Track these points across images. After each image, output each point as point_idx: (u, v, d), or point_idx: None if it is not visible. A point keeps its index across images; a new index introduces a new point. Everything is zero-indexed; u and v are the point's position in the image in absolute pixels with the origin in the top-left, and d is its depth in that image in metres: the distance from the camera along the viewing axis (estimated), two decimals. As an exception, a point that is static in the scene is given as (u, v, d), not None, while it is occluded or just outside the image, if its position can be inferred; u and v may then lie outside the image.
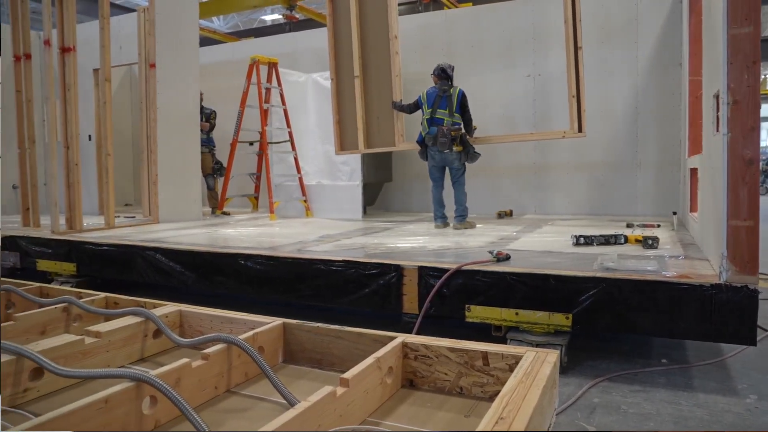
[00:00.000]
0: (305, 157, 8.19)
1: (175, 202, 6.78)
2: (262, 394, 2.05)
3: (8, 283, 3.46)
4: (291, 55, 9.21)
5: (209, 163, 7.92)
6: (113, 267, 4.80)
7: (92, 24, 7.27)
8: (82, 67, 6.13)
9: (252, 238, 5.31)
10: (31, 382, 2.03)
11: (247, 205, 8.79)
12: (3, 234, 5.54)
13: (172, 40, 6.82)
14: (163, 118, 6.64)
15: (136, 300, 2.95)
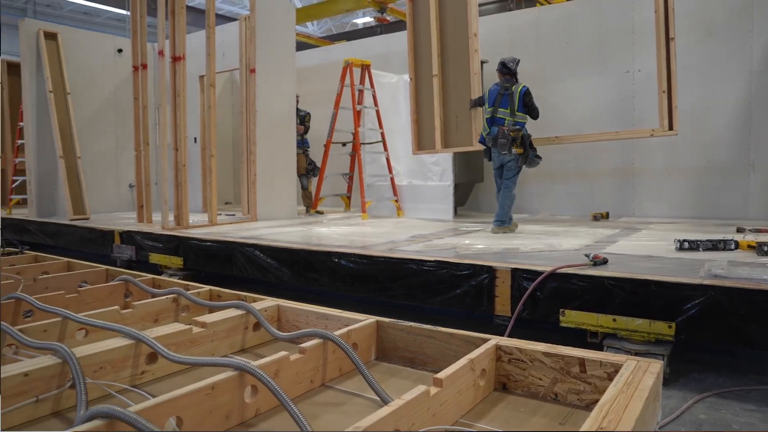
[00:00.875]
0: (397, 157, 8.27)
1: (271, 201, 7.07)
2: (356, 389, 2.10)
3: (126, 274, 3.77)
4: (383, 56, 9.33)
5: (304, 163, 8.19)
6: (215, 262, 5.09)
7: (197, 34, 7.74)
8: (189, 75, 6.53)
9: (345, 236, 5.43)
10: (147, 365, 2.20)
11: (340, 205, 9.00)
12: (121, 229, 6.02)
13: (271, 46, 7.12)
14: (262, 121, 6.95)
15: (237, 294, 3.12)
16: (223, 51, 8.00)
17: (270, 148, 7.05)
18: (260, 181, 6.92)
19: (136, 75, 7.00)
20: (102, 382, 2.05)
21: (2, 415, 1.83)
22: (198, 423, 1.70)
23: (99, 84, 8.70)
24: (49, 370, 1.95)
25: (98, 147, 8.61)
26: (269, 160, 7.03)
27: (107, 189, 8.80)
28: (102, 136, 8.72)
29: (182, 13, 6.07)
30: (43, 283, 3.84)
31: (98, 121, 8.68)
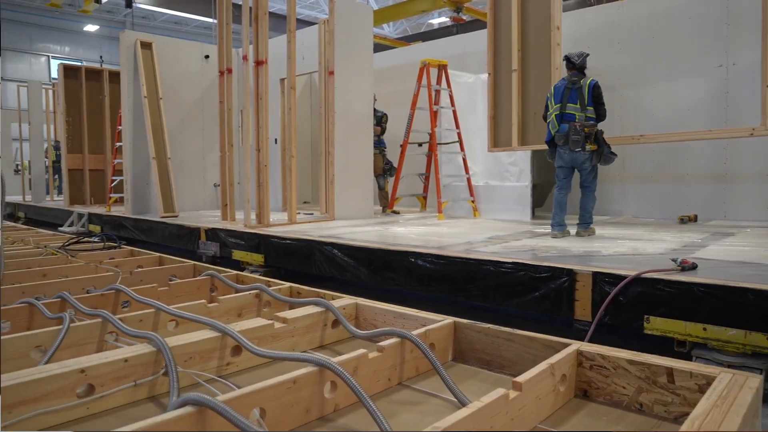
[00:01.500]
0: (473, 157, 8.20)
1: (349, 201, 7.20)
2: (433, 390, 2.10)
3: (212, 269, 3.96)
4: (459, 56, 9.27)
5: (380, 163, 8.27)
6: (295, 259, 5.24)
7: (278, 39, 7.99)
8: (270, 78, 6.75)
9: (421, 236, 5.45)
10: (232, 357, 2.30)
11: (416, 205, 9.03)
12: (207, 227, 6.33)
13: (349, 48, 7.24)
14: (340, 122, 7.08)
15: (316, 291, 3.20)
16: (302, 54, 8.21)
17: (348, 149, 7.18)
18: (338, 181, 7.06)
19: (221, 79, 7.33)
20: (191, 371, 2.17)
21: (108, 396, 1.98)
22: (280, 415, 1.76)
23: (188, 89, 9.17)
24: (145, 357, 2.08)
25: (186, 148, 9.08)
26: (347, 161, 7.16)
27: (194, 188, 9.26)
28: (190, 138, 9.18)
29: (265, 20, 6.29)
30: (138, 276, 4.10)
31: (187, 124, 9.15)
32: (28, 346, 2.41)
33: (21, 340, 2.41)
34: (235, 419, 1.46)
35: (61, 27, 29.64)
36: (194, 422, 1.55)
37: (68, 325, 2.48)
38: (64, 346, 2.42)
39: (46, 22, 29.09)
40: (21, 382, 1.81)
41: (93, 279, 3.92)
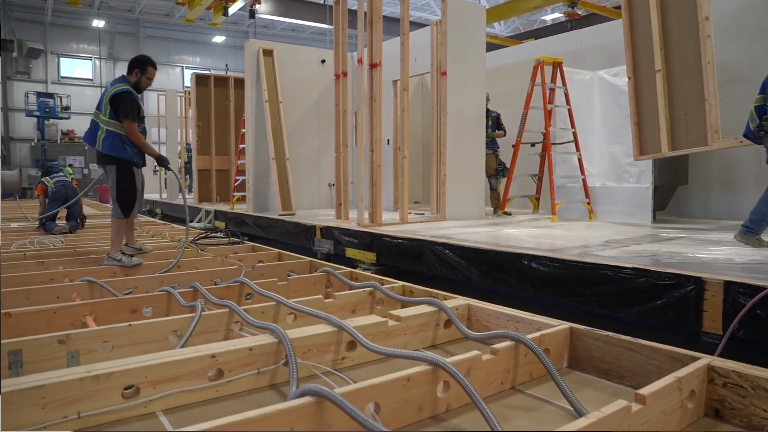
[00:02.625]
0: (589, 157, 7.85)
1: (460, 201, 7.17)
2: (547, 396, 2.05)
3: (328, 266, 4.12)
4: (575, 53, 8.90)
5: (493, 164, 8.15)
6: (406, 258, 5.31)
7: (391, 42, 8.11)
8: (383, 79, 6.87)
9: (533, 238, 5.31)
10: (347, 352, 2.39)
11: (528, 206, 8.80)
12: (322, 225, 6.58)
13: (462, 48, 7.20)
14: (452, 122, 7.07)
15: (428, 290, 3.23)
16: (414, 56, 8.28)
17: (459, 149, 7.15)
18: (449, 182, 7.05)
19: (337, 82, 7.58)
20: (309, 363, 2.28)
21: (234, 381, 2.13)
22: (394, 411, 1.80)
23: (305, 92, 9.57)
24: (268, 347, 2.22)
25: (303, 149, 9.49)
26: (459, 161, 7.13)
27: (310, 187, 9.66)
28: (307, 139, 9.59)
29: (379, 23, 6.42)
30: (259, 270, 4.36)
31: (304, 126, 9.56)
32: (167, 330, 2.65)
33: (161, 325, 2.66)
34: (353, 412, 1.52)
35: (193, 39, 32.13)
36: (313, 412, 1.63)
37: (200, 314, 2.69)
38: (196, 333, 2.64)
39: (181, 36, 31.67)
40: (164, 362, 1.99)
41: (219, 272, 4.22)
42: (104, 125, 4.54)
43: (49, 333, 2.48)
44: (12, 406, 1.73)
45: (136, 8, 29.46)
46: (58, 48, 29.58)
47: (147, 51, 31.29)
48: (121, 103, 4.49)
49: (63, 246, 5.68)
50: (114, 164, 4.55)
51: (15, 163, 27.34)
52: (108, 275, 4.12)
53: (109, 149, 4.52)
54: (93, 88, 30.40)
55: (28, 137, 28.18)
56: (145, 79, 4.75)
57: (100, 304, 3.09)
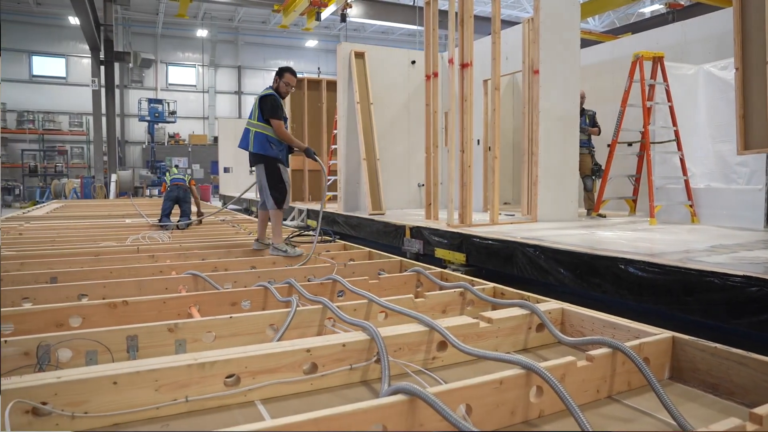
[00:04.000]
0: (692, 157, 7.37)
1: (552, 203, 6.97)
2: (646, 408, 1.97)
3: (418, 266, 4.15)
4: (677, 46, 8.39)
5: (588, 164, 7.86)
6: (496, 260, 5.24)
7: (481, 41, 8.02)
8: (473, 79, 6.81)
9: (630, 242, 5.07)
10: (437, 352, 2.40)
11: (624, 208, 8.41)
12: (411, 225, 6.62)
13: (555, 45, 7.00)
14: (545, 121, 6.89)
15: (520, 293, 3.18)
16: (506, 54, 8.14)
17: (552, 149, 6.95)
18: (541, 182, 6.88)
19: (428, 83, 7.60)
20: (400, 361, 2.31)
21: (328, 376, 2.21)
22: (485, 414, 1.79)
23: (395, 93, 9.67)
24: (360, 344, 2.27)
25: (393, 150, 9.58)
26: (551, 161, 6.94)
27: (399, 187, 9.74)
28: (396, 140, 9.68)
29: (470, 23, 6.37)
30: (350, 269, 4.46)
31: (394, 127, 9.66)
32: (265, 324, 2.78)
33: (259, 318, 2.79)
34: (445, 413, 1.53)
35: (287, 45, 33.38)
36: (405, 410, 1.66)
37: (295, 309, 2.80)
38: (292, 327, 2.74)
39: (275, 42, 33.03)
40: (263, 353, 2.10)
41: (312, 269, 4.36)
42: (253, 128, 5.12)
43: (160, 321, 2.68)
44: (130, 386, 1.89)
45: (235, 17, 31.01)
46: (167, 57, 31.75)
47: (245, 57, 32.86)
48: (267, 104, 5.07)
49: (170, 242, 6.09)
50: (262, 162, 5.11)
51: (129, 164, 29.64)
52: (210, 269, 4.37)
53: (257, 149, 5.09)
54: (196, 93, 32.35)
55: (140, 140, 30.46)
56: (283, 84, 5.22)
57: (203, 297, 3.29)
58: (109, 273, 4.17)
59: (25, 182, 26.59)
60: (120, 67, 27.09)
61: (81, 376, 1.84)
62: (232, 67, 32.97)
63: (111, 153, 22.06)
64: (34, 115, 27.80)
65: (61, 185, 23.90)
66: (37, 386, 1.76)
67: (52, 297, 3.45)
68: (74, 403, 1.80)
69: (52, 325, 2.84)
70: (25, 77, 28.55)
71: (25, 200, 24.48)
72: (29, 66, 28.71)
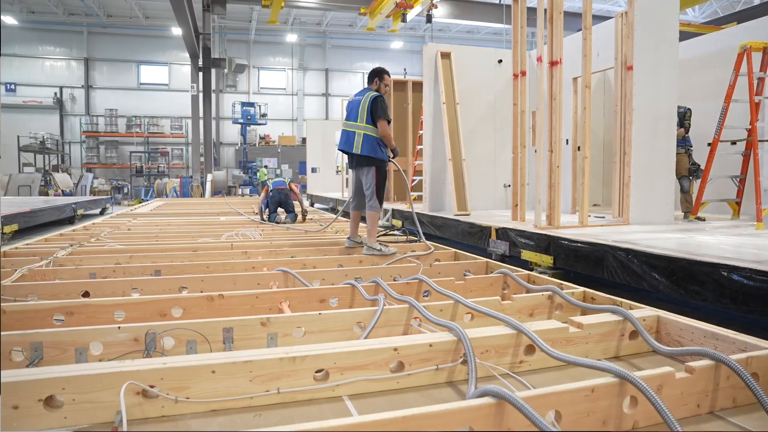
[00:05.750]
0: (810, 156, 6.79)
1: (646, 204, 6.63)
2: (754, 427, 1.84)
3: (504, 268, 4.09)
4: (791, 35, 7.74)
5: (685, 164, 7.41)
6: (585, 263, 5.06)
7: (571, 38, 7.76)
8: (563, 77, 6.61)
9: (733, 247, 4.74)
10: (525, 356, 2.36)
11: (726, 211, 7.86)
12: (497, 226, 6.53)
13: (650, 39, 6.65)
14: (638, 119, 6.57)
15: (612, 298, 3.06)
16: (597, 51, 7.84)
17: (646, 148, 6.62)
18: (634, 183, 6.56)
19: (515, 82, 7.46)
20: (487, 363, 2.30)
21: (414, 375, 2.23)
22: (575, 422, 1.75)
23: (481, 93, 9.56)
24: (447, 345, 2.28)
25: (479, 150, 9.48)
26: (645, 161, 6.61)
27: (485, 188, 9.62)
28: (482, 140, 9.56)
29: (560, 19, 6.19)
30: (436, 269, 4.47)
31: (480, 127, 9.55)
32: (352, 321, 2.85)
33: (347, 316, 2.86)
34: (535, 418, 1.51)
35: (372, 47, 33.84)
36: (493, 413, 1.65)
37: (383, 308, 2.85)
38: (378, 325, 2.79)
39: (362, 44, 33.61)
40: (350, 350, 2.15)
41: (399, 268, 4.41)
42: (361, 131, 5.20)
43: (253, 315, 2.81)
44: (227, 375, 2.00)
45: (323, 21, 31.82)
46: (259, 62, 33.12)
47: (332, 60, 33.64)
48: (378, 106, 5.14)
49: (261, 239, 6.35)
50: (374, 165, 5.21)
51: (222, 164, 31.18)
52: (299, 267, 4.52)
53: (369, 152, 5.17)
54: (285, 96, 33.48)
55: (233, 142, 31.96)
56: (383, 85, 5.36)
57: (293, 293, 3.41)
58: (206, 267, 4.42)
59: (132, 181, 28.65)
60: (216, 73, 28.54)
61: (183, 363, 1.97)
62: (319, 70, 33.85)
63: (207, 154, 23.32)
64: (141, 120, 29.95)
65: (162, 184, 25.56)
66: (146, 370, 1.90)
67: (156, 288, 3.71)
68: (177, 388, 1.94)
69: (156, 315, 3.05)
70: (134, 85, 30.83)
71: (132, 198, 26.35)
72: (137, 74, 30.94)
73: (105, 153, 29.75)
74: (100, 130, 29.49)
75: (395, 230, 6.85)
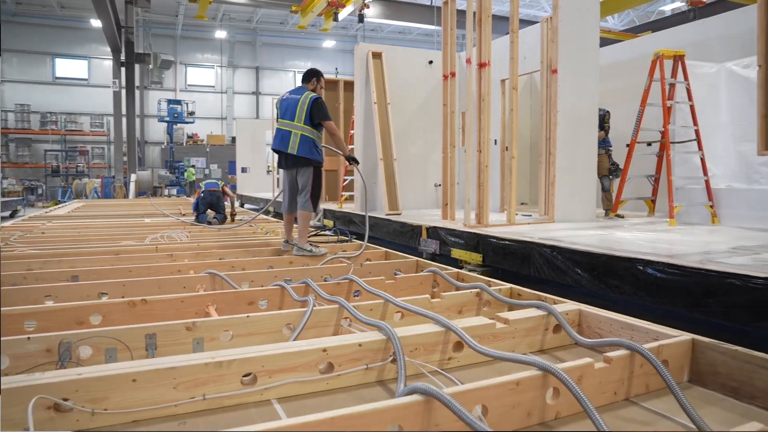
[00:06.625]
0: (714, 157, 7.27)
1: (570, 203, 6.91)
2: (664, 411, 1.95)
3: (434, 266, 4.14)
4: (698, 44, 8.28)
5: (605, 164, 7.78)
6: (513, 260, 5.22)
7: (499, 40, 7.98)
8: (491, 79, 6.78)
9: (649, 243, 5.02)
10: (453, 352, 2.40)
11: (642, 209, 8.32)
12: (428, 225, 6.62)
13: (574, 44, 6.94)
14: (563, 121, 6.84)
15: (537, 294, 3.16)
16: (524, 54, 8.09)
17: (570, 149, 6.90)
18: (559, 183, 6.83)
19: (445, 83, 7.58)
20: (416, 361, 2.31)
21: (344, 375, 2.21)
22: (501, 415, 1.79)
23: (412, 93, 9.66)
24: (376, 344, 2.28)
25: (410, 150, 9.58)
26: (569, 161, 6.88)
27: (416, 188, 9.73)
28: (413, 140, 9.67)
29: (488, 22, 6.35)
30: (366, 269, 4.47)
31: (411, 127, 9.65)
32: (281, 323, 2.80)
33: (276, 318, 2.81)
34: (462, 413, 1.53)
35: (304, 45, 33.54)
36: (421, 410, 1.66)
37: (312, 309, 2.82)
38: (308, 326, 2.76)
39: (293, 43, 33.21)
40: (279, 353, 2.11)
41: (329, 268, 4.38)
42: (298, 131, 5.10)
43: (178, 320, 2.70)
44: (149, 384, 1.91)
45: (253, 18, 31.24)
46: (187, 58, 32.11)
47: (263, 58, 33.09)
48: (321, 107, 5.11)
49: (188, 241, 6.15)
50: (310, 166, 5.14)
51: (148, 164, 30.01)
52: (227, 269, 4.41)
53: (305, 152, 5.09)
54: (214, 94, 32.66)
55: (159, 141, 30.83)
56: (320, 87, 5.39)
57: (221, 296, 3.32)
58: (128, 272, 4.23)
59: (47, 182, 27.06)
60: (140, 69, 27.44)
61: (101, 373, 1.87)
62: (250, 68, 33.22)
63: (131, 153, 22.36)
64: (57, 116, 28.31)
65: (82, 185, 24.29)
66: (58, 383, 1.79)
67: (73, 295, 3.51)
68: (95, 399, 1.83)
69: (73, 323, 2.89)
70: (48, 79, 29.09)
71: (47, 200, 24.91)
72: (52, 68, 29.24)
73: (16, 151, 27.96)
74: (10, 127, 27.66)
75: (327, 230, 6.81)
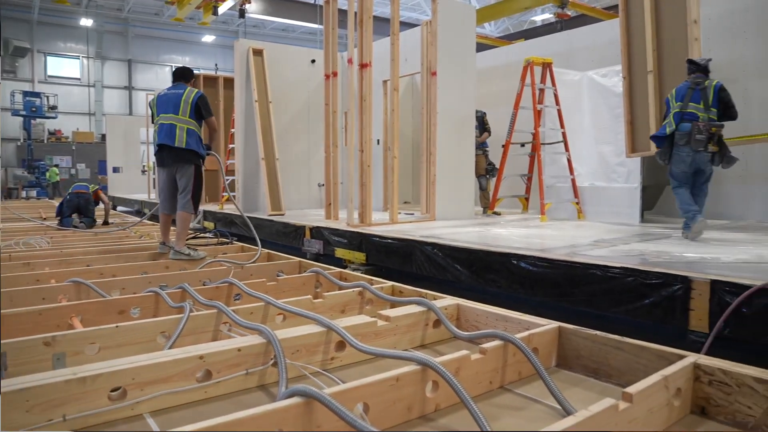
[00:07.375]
0: (578, 157, 7.90)
1: (450, 202, 7.18)
2: (535, 395, 2.06)
3: (317, 267, 4.11)
4: (564, 53, 8.97)
5: (483, 164, 8.17)
6: (395, 258, 5.31)
7: (381, 42, 8.11)
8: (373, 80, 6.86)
9: (523, 238, 5.34)
10: (336, 352, 2.38)
11: (518, 206, 8.84)
12: (311, 225, 6.57)
13: (452, 48, 7.22)
14: (442, 122, 7.08)
15: (418, 291, 3.23)
16: (405, 56, 8.29)
17: (449, 149, 7.16)
18: (439, 182, 7.06)
19: (327, 82, 7.57)
20: (298, 363, 2.27)
21: (223, 382, 2.12)
22: (383, 411, 1.80)
23: (295, 92, 9.55)
24: (257, 348, 2.21)
25: (293, 149, 9.46)
26: (448, 161, 7.15)
27: (300, 187, 9.63)
28: (296, 139, 9.56)
29: (369, 23, 6.42)
30: (248, 271, 4.34)
31: (294, 126, 9.53)
32: (155, 332, 2.63)
33: (149, 326, 2.64)
34: (341, 412, 1.51)
35: (182, 39, 31.98)
36: (302, 412, 1.62)
37: (188, 315, 2.68)
38: (185, 334, 2.62)
39: (170, 36, 31.53)
40: (151, 363, 1.98)
41: (208, 272, 4.20)
42: (184, 125, 4.97)
43: (35, 335, 2.45)
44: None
45: (124, 7, 29.28)
46: (46, 47, 29.31)
47: (136, 50, 31.13)
48: (206, 103, 5.11)
49: (50, 247, 5.63)
50: (194, 162, 5.00)
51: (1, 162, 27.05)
52: (95, 276, 4.08)
53: (194, 146, 4.97)
54: (81, 87, 30.18)
55: (15, 137, 27.90)
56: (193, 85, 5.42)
57: (87, 306, 3.06)
58: (-26, 284, 3.78)
59: None
60: (-9, 57, 24.73)
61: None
62: (121, 61, 31.10)
63: (-19, 151, 20.09)
64: None
65: None
66: None
67: None
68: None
69: None
70: None
71: None
72: None
73: None
74: None
75: (207, 232, 6.54)
